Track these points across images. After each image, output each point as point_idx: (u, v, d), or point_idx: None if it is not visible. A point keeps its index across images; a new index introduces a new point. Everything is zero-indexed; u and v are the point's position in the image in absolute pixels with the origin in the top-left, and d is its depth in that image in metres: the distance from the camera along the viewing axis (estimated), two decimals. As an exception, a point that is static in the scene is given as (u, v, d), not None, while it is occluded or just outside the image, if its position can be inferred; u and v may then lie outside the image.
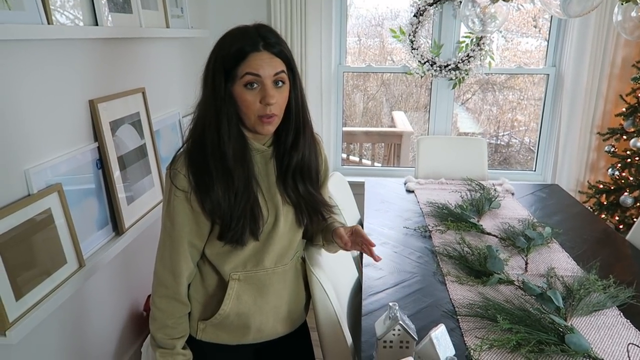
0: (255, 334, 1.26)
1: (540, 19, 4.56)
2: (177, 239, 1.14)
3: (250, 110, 1.08)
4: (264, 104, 1.07)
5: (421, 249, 1.89)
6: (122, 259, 2.03)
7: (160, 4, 2.32)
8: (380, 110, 6.82)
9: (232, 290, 1.19)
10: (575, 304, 1.43)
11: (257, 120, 1.09)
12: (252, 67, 1.05)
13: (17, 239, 1.37)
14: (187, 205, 1.11)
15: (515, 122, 6.55)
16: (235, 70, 1.06)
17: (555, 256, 1.81)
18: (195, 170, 1.10)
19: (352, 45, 5.35)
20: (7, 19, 1.33)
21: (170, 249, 1.15)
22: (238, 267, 1.19)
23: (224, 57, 1.07)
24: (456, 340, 1.30)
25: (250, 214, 1.12)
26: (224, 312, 1.20)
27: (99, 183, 1.80)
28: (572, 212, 2.31)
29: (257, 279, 1.22)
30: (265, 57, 1.06)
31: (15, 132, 1.40)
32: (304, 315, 1.39)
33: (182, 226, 1.13)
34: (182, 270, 1.16)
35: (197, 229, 1.14)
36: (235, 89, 1.07)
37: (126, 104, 1.99)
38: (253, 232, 1.13)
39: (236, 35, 1.08)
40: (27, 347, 1.46)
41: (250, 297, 1.22)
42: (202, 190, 1.09)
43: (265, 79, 1.06)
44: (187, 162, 1.11)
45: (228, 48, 1.07)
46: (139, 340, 2.21)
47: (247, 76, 1.05)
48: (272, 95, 1.07)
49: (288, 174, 1.18)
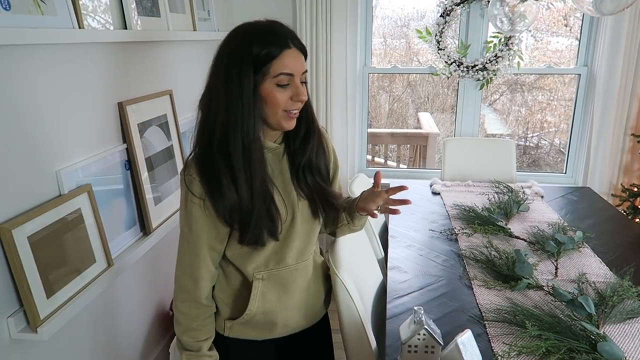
0: (281, 329, 1.28)
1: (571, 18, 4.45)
2: (195, 245, 1.13)
3: (278, 107, 1.07)
4: (295, 101, 1.08)
5: (447, 252, 1.86)
6: (149, 259, 2.06)
7: (188, 7, 2.36)
8: (406, 112, 6.77)
9: (257, 290, 1.20)
10: (608, 311, 1.38)
11: (284, 115, 1.08)
12: (285, 66, 1.05)
13: (48, 238, 1.40)
14: (204, 211, 1.10)
15: (545, 123, 6.41)
16: (265, 69, 1.04)
17: (587, 261, 1.76)
18: (209, 175, 1.08)
19: (377, 46, 5.32)
20: (40, 23, 1.36)
21: (189, 254, 1.15)
22: (260, 267, 1.19)
23: (251, 55, 1.03)
24: (483, 346, 1.27)
25: (268, 215, 1.11)
26: (251, 312, 1.21)
27: (127, 184, 1.84)
28: (605, 216, 2.24)
29: (280, 276, 1.22)
30: (295, 55, 1.07)
31: (46, 133, 1.44)
32: (324, 308, 1.40)
33: (200, 232, 1.12)
34: (203, 275, 1.16)
35: (216, 233, 1.13)
36: (265, 87, 1.05)
37: (154, 106, 2.02)
38: (272, 232, 1.13)
39: (261, 33, 1.06)
40: (57, 343, 1.50)
41: (275, 295, 1.22)
42: (217, 197, 1.07)
43: (296, 77, 1.07)
44: (201, 168, 1.09)
45: (256, 46, 1.03)
46: (165, 339, 2.24)
47: (281, 76, 1.05)
48: (304, 92, 1.08)
49: (300, 169, 1.18)
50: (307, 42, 2.90)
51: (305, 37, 2.90)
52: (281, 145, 1.19)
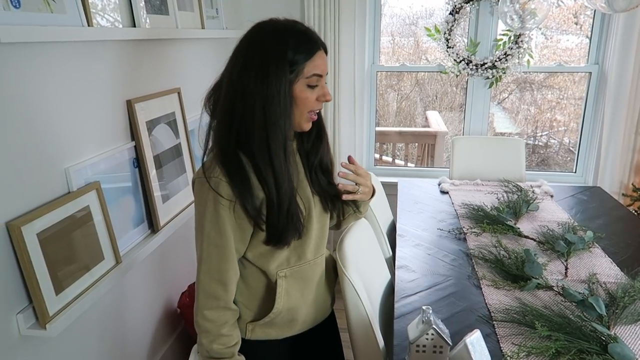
0: (301, 325, 1.29)
1: (582, 15, 4.41)
2: (225, 249, 1.11)
3: (306, 107, 1.11)
4: (322, 101, 1.12)
5: (455, 251, 1.85)
6: (156, 256, 2.06)
7: (196, 5, 2.36)
8: (414, 110, 6.75)
9: (281, 288, 1.20)
10: (619, 312, 1.36)
11: (307, 116, 1.12)
12: (318, 67, 1.08)
13: (57, 235, 1.41)
14: (233, 213, 1.08)
15: (555, 122, 6.36)
16: (300, 69, 1.06)
17: (597, 261, 1.74)
18: (239, 176, 1.07)
19: (386, 44, 5.30)
20: (49, 21, 1.37)
21: (217, 259, 1.11)
22: (283, 265, 1.20)
23: (288, 55, 1.04)
24: (492, 346, 1.26)
25: (294, 214, 1.12)
26: (278, 310, 1.20)
27: (135, 181, 1.84)
28: (616, 216, 2.21)
29: (302, 272, 1.24)
30: (324, 56, 1.11)
31: (55, 131, 1.44)
32: (331, 302, 1.41)
33: (230, 235, 1.10)
34: (231, 279, 1.14)
35: (242, 235, 1.13)
36: (297, 87, 1.07)
37: (162, 104, 2.02)
38: (298, 230, 1.15)
39: (294, 33, 1.07)
40: (66, 340, 1.51)
41: (298, 291, 1.24)
42: (247, 197, 1.06)
43: (324, 78, 1.12)
44: (227, 169, 1.07)
45: (292, 47, 1.05)
46: (172, 337, 2.24)
47: (314, 77, 1.08)
48: (329, 93, 1.12)
49: (313, 168, 1.22)
50: (315, 40, 2.89)
51: (314, 35, 2.89)
52: (293, 142, 1.20)
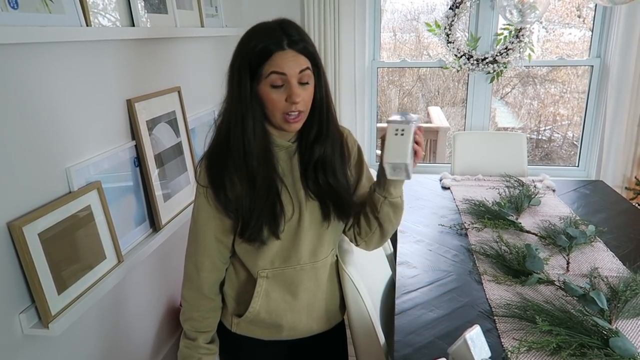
0: (288, 332, 1.26)
1: (584, 8, 4.38)
2: (200, 234, 1.17)
3: (276, 108, 1.07)
4: (289, 103, 1.06)
5: (457, 247, 1.85)
6: (158, 255, 2.07)
7: (195, 4, 2.36)
8: (416, 106, 6.72)
9: (261, 287, 1.20)
10: (621, 306, 1.36)
11: (283, 118, 1.08)
12: (277, 66, 1.03)
13: (59, 235, 1.41)
14: (208, 200, 1.14)
15: (558, 116, 6.32)
16: (260, 70, 1.05)
17: (599, 256, 1.74)
18: (214, 167, 1.12)
19: (387, 40, 5.28)
20: (48, 22, 1.37)
21: (194, 243, 1.19)
22: (266, 265, 1.19)
23: (248, 56, 1.05)
24: (492, 341, 1.26)
25: (270, 213, 1.11)
26: (254, 309, 1.21)
27: (136, 180, 1.85)
28: (618, 210, 2.20)
29: (286, 276, 1.21)
30: (289, 56, 1.04)
31: (55, 131, 1.45)
32: (340, 314, 1.38)
33: (205, 221, 1.16)
34: (205, 265, 1.18)
35: (222, 225, 1.16)
36: (260, 88, 1.06)
37: (162, 103, 2.03)
38: (273, 230, 1.13)
39: (259, 34, 1.06)
40: (69, 339, 1.51)
41: (279, 294, 1.22)
42: (218, 187, 1.11)
43: (291, 78, 1.05)
44: (208, 160, 1.14)
45: (252, 47, 1.05)
46: (175, 335, 2.25)
47: (272, 75, 1.04)
48: (297, 94, 1.05)
49: (309, 167, 1.17)
50: (315, 37, 2.88)
51: (314, 31, 2.89)
52: (294, 143, 1.18)
